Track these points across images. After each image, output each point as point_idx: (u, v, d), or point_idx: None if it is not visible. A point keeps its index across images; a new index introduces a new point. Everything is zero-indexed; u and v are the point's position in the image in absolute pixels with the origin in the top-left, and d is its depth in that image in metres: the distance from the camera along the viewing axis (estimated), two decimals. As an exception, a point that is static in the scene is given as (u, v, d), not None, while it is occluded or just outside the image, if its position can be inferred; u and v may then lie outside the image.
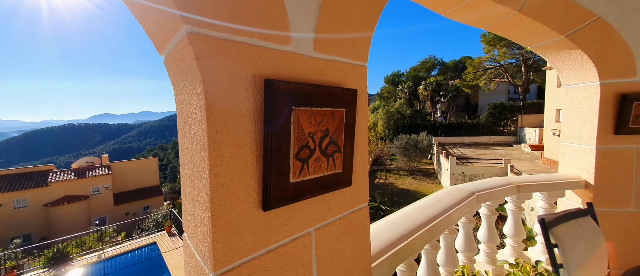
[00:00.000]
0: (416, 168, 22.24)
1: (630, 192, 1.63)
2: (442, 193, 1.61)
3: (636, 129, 1.61)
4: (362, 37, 0.80)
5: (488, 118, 25.17)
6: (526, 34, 1.81)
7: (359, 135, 0.83)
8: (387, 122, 32.20)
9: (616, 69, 1.63)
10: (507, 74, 26.36)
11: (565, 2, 1.60)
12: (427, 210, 1.34)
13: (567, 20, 1.63)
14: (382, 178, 21.32)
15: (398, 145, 22.53)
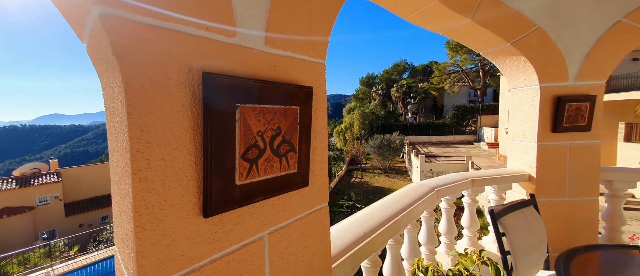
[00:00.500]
0: (390, 167, 23.15)
1: (564, 183, 1.84)
2: (405, 190, 1.67)
3: (568, 127, 1.82)
4: (318, 34, 0.78)
5: (452, 119, 27.13)
6: (478, 41, 1.95)
7: (317, 134, 0.80)
8: (363, 123, 33.06)
9: (553, 74, 1.83)
10: (468, 78, 28.66)
11: (511, 11, 1.76)
12: (390, 207, 1.36)
13: (512, 29, 1.79)
14: (358, 177, 21.83)
15: (373, 144, 23.26)
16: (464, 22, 1.76)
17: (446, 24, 1.85)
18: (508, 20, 1.78)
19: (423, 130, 28.57)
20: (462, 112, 26.66)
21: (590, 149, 1.83)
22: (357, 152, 25.47)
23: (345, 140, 33.99)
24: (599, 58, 1.75)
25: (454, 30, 1.91)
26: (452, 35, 2.00)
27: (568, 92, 1.80)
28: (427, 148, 23.31)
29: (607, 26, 1.70)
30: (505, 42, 1.83)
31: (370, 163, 24.89)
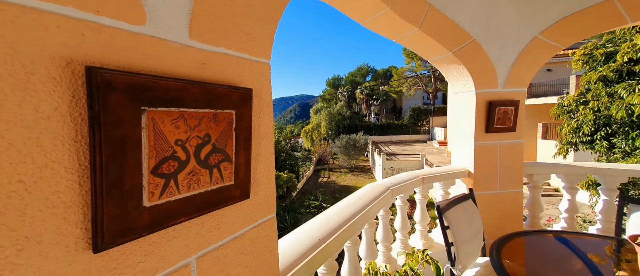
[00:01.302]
0: (355, 166, 23.98)
1: (496, 177, 2.08)
2: (362, 191, 1.69)
3: (498, 129, 2.05)
4: (261, 29, 0.70)
5: (409, 120, 29.37)
6: (426, 49, 2.08)
7: (262, 139, 0.73)
8: (330, 123, 33.63)
9: (485, 81, 2.05)
10: (422, 83, 31.35)
11: (452, 24, 1.91)
12: (347, 210, 1.35)
13: (453, 39, 1.95)
14: (325, 177, 22.11)
15: (339, 144, 23.82)
16: (413, 31, 1.86)
17: (398, 32, 1.93)
18: (449, 32, 1.93)
19: (385, 130, 30.32)
20: (418, 114, 29.06)
21: (515, 147, 2.10)
22: (324, 152, 25.83)
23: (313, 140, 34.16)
24: (521, 68, 2.02)
25: (405, 37, 2.00)
26: (404, 43, 2.11)
27: (498, 98, 2.04)
28: (389, 147, 24.77)
29: (526, 41, 1.97)
30: (447, 51, 1.99)
31: (337, 162, 25.46)
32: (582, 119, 4.94)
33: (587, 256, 1.43)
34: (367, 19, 1.77)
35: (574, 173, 2.05)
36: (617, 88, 4.39)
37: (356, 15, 1.77)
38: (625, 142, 4.52)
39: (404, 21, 1.75)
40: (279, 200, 10.70)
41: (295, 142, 24.21)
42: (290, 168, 17.38)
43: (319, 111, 38.68)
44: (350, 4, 1.67)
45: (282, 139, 19.97)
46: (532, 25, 1.94)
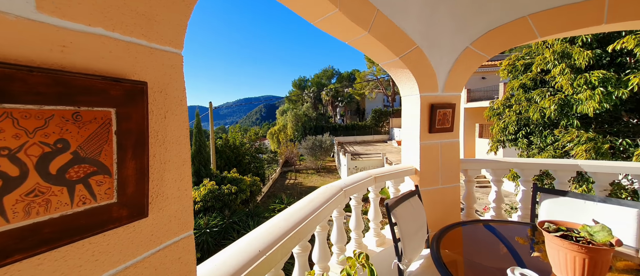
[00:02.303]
0: (322, 166, 24.22)
1: (438, 174, 2.24)
2: (315, 194, 1.63)
3: (439, 129, 2.22)
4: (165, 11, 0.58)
5: (372, 121, 30.91)
6: (377, 52, 2.14)
7: (170, 145, 0.61)
8: (296, 124, 33.40)
9: (428, 85, 2.19)
10: (382, 87, 33.32)
11: (398, 30, 2.00)
12: (295, 215, 1.28)
13: (400, 45, 2.04)
14: (292, 179, 21.84)
15: (306, 146, 23.78)
16: (363, 34, 1.89)
17: (349, 34, 1.94)
18: (396, 37, 2.02)
19: (349, 131, 31.34)
20: (379, 115, 30.76)
21: (453, 146, 2.29)
22: (291, 154, 25.52)
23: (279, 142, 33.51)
24: (457, 74, 2.21)
25: (357, 40, 2.03)
26: (357, 46, 2.13)
27: (438, 101, 2.20)
28: (353, 148, 25.66)
29: (460, 50, 2.16)
30: (395, 56, 2.08)
31: (304, 164, 25.39)
32: (508, 120, 5.78)
33: (509, 241, 1.61)
34: (318, 19, 1.73)
35: (499, 168, 2.34)
36: (533, 94, 5.24)
37: (307, 14, 1.72)
38: (539, 139, 5.42)
39: (354, 24, 1.76)
40: (243, 205, 10.16)
41: (260, 143, 23.38)
42: (255, 171, 16.70)
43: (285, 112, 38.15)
44: (300, 2, 1.61)
45: (246, 141, 19.04)
46: (465, 37, 2.15)
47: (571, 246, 1.06)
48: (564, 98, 4.52)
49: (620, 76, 4.04)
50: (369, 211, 2.17)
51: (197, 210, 7.97)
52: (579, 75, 4.27)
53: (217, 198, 8.59)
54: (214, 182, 9.24)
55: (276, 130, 35.65)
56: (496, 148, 6.40)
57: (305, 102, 38.47)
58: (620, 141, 4.25)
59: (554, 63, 4.63)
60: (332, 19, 1.67)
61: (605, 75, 4.01)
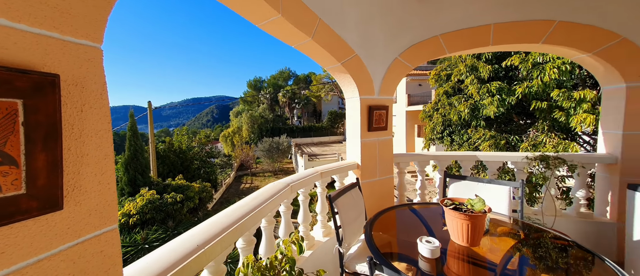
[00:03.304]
0: (279, 168, 23.84)
1: (376, 167, 2.54)
2: (261, 190, 1.69)
3: (376, 128, 2.52)
4: (80, 4, 0.58)
5: (328, 123, 31.98)
6: (321, 57, 2.32)
7: (89, 138, 0.60)
8: (252, 126, 32.10)
9: (367, 89, 2.47)
10: (337, 89, 34.83)
11: (339, 39, 2.21)
12: (238, 211, 1.31)
13: (341, 52, 2.26)
14: (248, 183, 20.91)
15: (262, 148, 23.07)
16: (307, 40, 2.03)
17: (294, 39, 2.06)
18: (338, 45, 2.23)
19: (307, 132, 31.71)
20: (335, 117, 32.04)
21: (387, 143, 2.63)
22: (246, 157, 24.39)
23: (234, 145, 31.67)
24: (389, 81, 2.56)
25: (302, 45, 2.16)
26: (302, 50, 2.27)
27: (375, 103, 2.50)
28: (310, 149, 26.04)
29: (390, 60, 2.51)
30: (337, 62, 2.29)
31: (261, 166, 24.58)
32: (435, 122, 6.83)
33: (427, 219, 1.95)
34: (262, 22, 1.79)
35: (422, 160, 2.79)
36: (453, 100, 6.32)
37: (250, 17, 1.77)
38: (458, 137, 6.55)
39: (298, 30, 1.88)
40: (191, 214, 9.27)
41: (212, 147, 21.69)
42: (206, 176, 15.43)
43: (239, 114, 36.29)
44: (243, 6, 1.65)
45: (195, 145, 17.41)
46: (394, 49, 2.51)
47: (459, 215, 1.38)
48: (474, 103, 5.61)
49: (511, 86, 5.25)
50: (317, 204, 2.32)
51: (132, 224, 6.94)
52: (483, 85, 5.36)
53: (158, 208, 7.65)
54: (155, 191, 8.21)
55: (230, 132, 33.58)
56: (428, 145, 7.46)
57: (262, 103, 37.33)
58: (512, 137, 5.51)
59: (466, 74, 5.70)
60: (275, 23, 1.76)
61: (501, 86, 5.14)
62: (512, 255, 1.41)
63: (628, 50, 2.13)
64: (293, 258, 0.85)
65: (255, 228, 1.37)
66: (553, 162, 2.23)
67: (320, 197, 2.31)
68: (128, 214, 7.08)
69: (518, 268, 1.32)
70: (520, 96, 4.85)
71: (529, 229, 1.68)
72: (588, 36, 2.17)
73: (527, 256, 1.38)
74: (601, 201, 2.38)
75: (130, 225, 6.93)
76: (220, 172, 22.62)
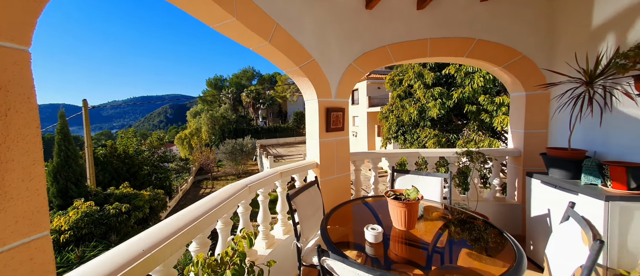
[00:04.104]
0: (243, 171, 22.86)
1: (334, 166, 2.70)
2: (217, 192, 1.67)
3: (334, 129, 2.69)
4: (3, 6, 0.55)
5: (294, 123, 31.87)
6: (280, 61, 2.38)
7: (15, 143, 0.58)
8: (212, 128, 30.12)
9: (324, 92, 2.62)
10: (303, 91, 35.03)
11: (297, 44, 2.30)
12: (189, 214, 1.30)
13: (299, 56, 2.36)
14: (209, 187, 19.57)
15: (224, 150, 21.84)
16: (264, 44, 2.07)
17: (251, 42, 2.08)
18: (295, 50, 2.32)
19: (272, 133, 31.07)
20: (300, 117, 32.09)
21: (344, 142, 2.83)
22: (206, 160, 22.78)
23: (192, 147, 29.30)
24: (344, 85, 2.75)
25: (260, 48, 2.19)
26: (261, 53, 2.30)
27: (332, 105, 2.67)
28: (276, 150, 25.59)
29: (345, 66, 2.71)
30: (295, 66, 2.38)
31: (223, 170, 23.24)
32: (391, 122, 7.46)
33: (377, 211, 2.17)
34: (216, 24, 1.78)
35: (375, 157, 3.07)
36: (404, 103, 6.99)
37: (205, 19, 1.74)
38: (410, 136, 7.27)
39: (254, 34, 1.92)
40: (140, 226, 8.29)
41: (166, 151, 19.66)
42: (159, 183, 13.97)
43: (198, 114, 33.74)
44: (196, 8, 1.62)
45: (145, 148, 15.56)
46: (349, 55, 2.71)
47: (397, 203, 1.60)
48: (421, 106, 6.31)
49: (449, 92, 6.05)
50: (277, 204, 2.37)
51: (64, 241, 5.91)
52: (428, 90, 6.07)
53: (98, 222, 6.67)
54: (93, 202, 7.14)
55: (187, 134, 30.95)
56: (386, 144, 8.09)
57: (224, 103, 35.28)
58: (451, 136, 6.35)
59: (414, 80, 6.38)
60: (231, 26, 1.77)
61: (441, 91, 5.90)
62: (441, 234, 1.68)
63: (527, 65, 2.70)
64: (244, 252, 0.90)
65: (209, 230, 1.37)
66: (475, 156, 2.69)
67: (281, 196, 2.37)
68: (58, 230, 6.01)
69: (446, 245, 1.59)
70: (456, 100, 5.65)
71: (455, 212, 2.01)
72: (498, 53, 2.69)
73: (453, 234, 1.66)
74: (511, 187, 2.96)
75: (61, 243, 5.89)
76: (175, 177, 20.67)
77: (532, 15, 2.59)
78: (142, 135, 35.42)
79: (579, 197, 1.84)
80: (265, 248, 2.03)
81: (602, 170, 1.82)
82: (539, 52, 2.60)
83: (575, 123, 2.13)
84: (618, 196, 1.66)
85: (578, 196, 1.85)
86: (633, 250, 1.65)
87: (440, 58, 2.98)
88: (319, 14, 2.48)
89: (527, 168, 2.70)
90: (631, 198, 1.64)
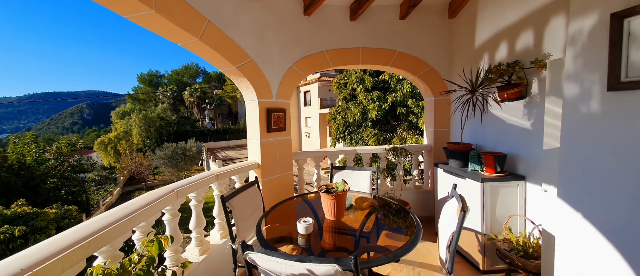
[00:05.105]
0: (186, 177, 20.49)
1: (276, 165, 2.72)
2: (137, 198, 1.51)
3: (275, 129, 2.70)
4: None
5: (245, 124, 30.26)
6: (214, 59, 2.27)
7: None
8: (147, 130, 26.13)
9: (264, 93, 2.61)
10: (255, 91, 33.63)
11: (233, 43, 2.24)
12: (95, 224, 1.13)
13: (236, 56, 2.29)
14: (142, 198, 16.79)
15: (163, 155, 19.20)
16: (193, 40, 1.95)
17: (178, 37, 1.93)
18: (232, 49, 2.25)
19: (221, 135, 28.79)
20: (252, 119, 30.70)
21: (287, 142, 2.88)
22: (139, 167, 19.63)
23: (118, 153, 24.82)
24: (285, 86, 2.80)
25: (189, 44, 2.05)
26: (192, 50, 2.14)
27: (273, 106, 2.68)
28: (226, 153, 23.83)
29: (286, 68, 2.76)
30: (232, 65, 2.30)
31: (161, 177, 20.37)
32: (338, 123, 7.91)
33: (315, 206, 2.28)
34: (130, 15, 1.59)
35: (317, 156, 3.23)
36: (349, 105, 7.51)
37: (114, 7, 1.53)
38: (355, 135, 7.84)
39: (180, 29, 1.78)
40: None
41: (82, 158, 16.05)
42: (71, 198, 11.34)
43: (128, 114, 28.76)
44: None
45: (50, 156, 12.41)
46: (289, 58, 2.77)
47: (327, 196, 1.74)
48: (363, 108, 6.90)
49: (385, 95, 6.79)
50: (214, 208, 2.25)
51: None
52: (368, 93, 6.68)
53: (-29, 256, 4.99)
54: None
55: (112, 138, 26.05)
56: (335, 143, 8.51)
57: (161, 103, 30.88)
58: (388, 135, 7.13)
59: (357, 84, 6.93)
60: (149, 18, 1.60)
61: (379, 95, 6.57)
62: (366, 221, 1.89)
63: (434, 76, 3.26)
64: (152, 257, 0.85)
65: (121, 240, 1.22)
66: (399, 151, 3.11)
67: (217, 199, 2.26)
68: None
69: (371, 230, 1.79)
70: (391, 103, 6.39)
71: (381, 201, 2.28)
72: (414, 64, 3.18)
73: (377, 220, 1.89)
74: (426, 176, 3.53)
75: None
76: (96, 189, 17.12)
77: (437, 35, 3.15)
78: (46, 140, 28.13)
79: (466, 181, 2.34)
80: (198, 255, 1.91)
81: (480, 159, 2.36)
82: (442, 66, 3.18)
83: (465, 123, 2.70)
84: (489, 178, 2.18)
85: (466, 180, 2.34)
86: (500, 219, 2.19)
87: (371, 65, 3.33)
88: (258, 16, 2.47)
89: (436, 160, 3.27)
90: (497, 179, 2.18)
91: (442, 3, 3.08)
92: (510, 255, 1.86)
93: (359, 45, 3.05)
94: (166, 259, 1.67)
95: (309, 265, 0.99)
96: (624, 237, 1.01)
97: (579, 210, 1.15)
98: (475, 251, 2.26)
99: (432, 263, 1.69)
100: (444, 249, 1.46)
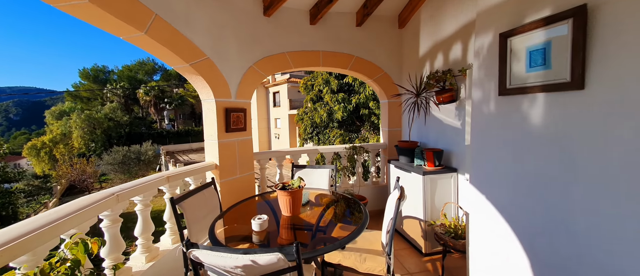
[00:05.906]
0: (141, 184, 18.45)
1: (235, 166, 2.67)
2: (69, 203, 1.36)
3: (234, 129, 2.65)
4: None
5: (211, 126, 28.49)
6: (164, 55, 2.15)
7: None
8: (91, 133, 22.94)
9: (222, 92, 2.55)
10: (222, 91, 31.84)
11: (185, 39, 2.15)
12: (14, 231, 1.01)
13: (189, 53, 2.20)
14: (85, 210, 14.63)
15: (112, 160, 17.06)
16: (138, 34, 1.83)
17: (119, 30, 1.78)
18: (184, 46, 2.16)
19: (183, 137, 26.61)
20: (219, 120, 29.03)
21: (247, 142, 2.84)
22: (82, 175, 17.14)
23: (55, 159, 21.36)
24: (245, 85, 2.77)
25: (133, 38, 1.91)
26: (136, 44, 2.00)
27: (232, 106, 2.63)
28: (188, 156, 22.10)
29: (246, 68, 2.74)
30: (185, 63, 2.21)
31: (109, 185, 17.97)
32: (306, 124, 8.00)
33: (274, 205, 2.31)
34: (60, 4, 1.44)
35: (279, 156, 3.25)
36: (316, 106, 7.65)
37: (40, -9, 1.37)
38: (322, 135, 8.01)
39: (121, 21, 1.66)
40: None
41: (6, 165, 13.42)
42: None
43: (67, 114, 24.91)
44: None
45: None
46: (249, 58, 2.75)
47: (282, 192, 1.79)
48: (329, 109, 7.10)
49: (350, 97, 7.09)
50: (165, 212, 2.13)
51: None
52: (334, 95, 6.90)
53: None
54: None
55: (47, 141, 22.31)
56: (303, 144, 8.57)
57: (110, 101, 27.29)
58: (353, 135, 7.45)
59: (323, 86, 7.11)
60: (82, 8, 1.47)
61: (344, 96, 6.83)
62: (322, 215, 1.98)
63: (387, 80, 3.54)
64: (77, 259, 0.80)
65: (45, 249, 1.10)
66: (358, 150, 3.31)
67: (169, 202, 2.13)
68: None
69: (327, 224, 1.87)
70: (355, 105, 6.70)
71: (339, 197, 2.41)
72: (369, 69, 3.42)
73: (333, 214, 1.99)
74: (382, 172, 3.81)
75: None
76: (27, 201, 14.46)
77: (389, 43, 3.45)
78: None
79: (412, 175, 2.61)
80: (144, 262, 1.79)
81: (423, 155, 2.65)
82: (394, 71, 3.49)
83: (412, 123, 3.00)
84: (429, 171, 2.47)
85: (411, 174, 2.61)
86: (438, 207, 2.49)
87: (331, 68, 3.48)
88: (214, 13, 2.41)
89: (389, 157, 3.56)
90: (436, 172, 2.48)
91: (392, 14, 3.38)
92: (444, 237, 2.13)
93: (320, 49, 3.17)
94: (105, 268, 1.54)
95: (253, 256, 1.03)
96: (510, 212, 1.27)
97: (483, 193, 1.41)
98: (418, 236, 2.53)
99: (378, 249, 1.85)
100: (385, 234, 1.63)
